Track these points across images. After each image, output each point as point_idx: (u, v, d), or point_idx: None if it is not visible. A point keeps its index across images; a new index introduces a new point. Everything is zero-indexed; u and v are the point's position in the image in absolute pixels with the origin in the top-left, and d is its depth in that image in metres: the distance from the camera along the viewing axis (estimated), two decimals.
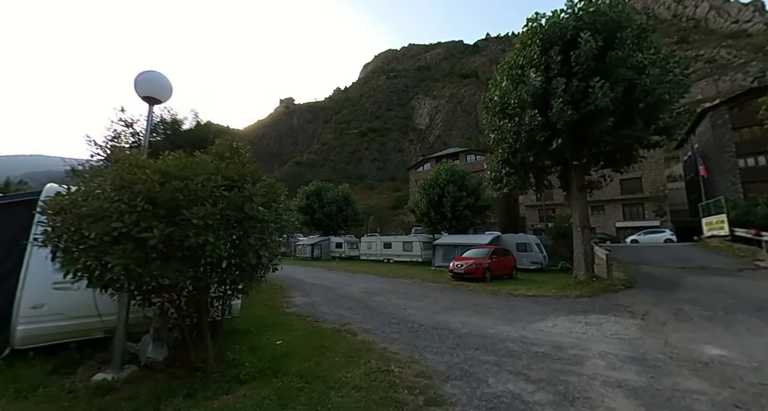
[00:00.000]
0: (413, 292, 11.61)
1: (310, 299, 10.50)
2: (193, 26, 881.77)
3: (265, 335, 6.12)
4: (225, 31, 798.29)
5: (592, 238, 13.61)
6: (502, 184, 13.09)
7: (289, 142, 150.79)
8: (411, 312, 8.25)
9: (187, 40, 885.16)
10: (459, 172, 26.72)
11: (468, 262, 14.71)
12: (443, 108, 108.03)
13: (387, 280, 15.52)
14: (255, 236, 3.74)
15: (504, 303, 9.38)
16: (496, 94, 11.55)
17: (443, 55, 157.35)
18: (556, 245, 24.23)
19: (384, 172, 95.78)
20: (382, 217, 60.42)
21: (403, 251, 26.16)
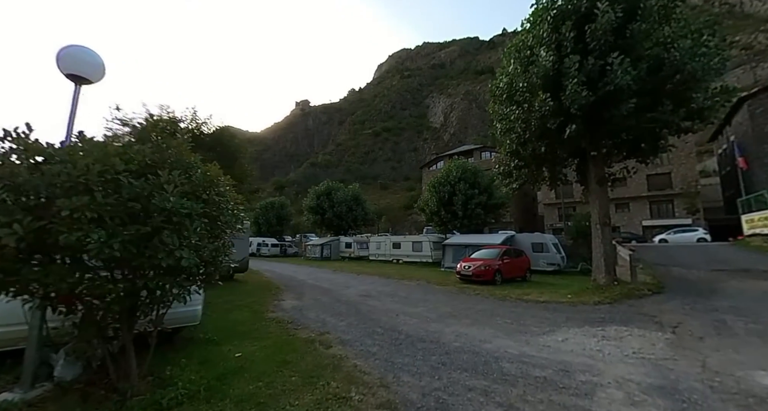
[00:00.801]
0: (413, 296, 10.75)
1: (300, 302, 9.84)
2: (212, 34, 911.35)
3: (229, 345, 5.45)
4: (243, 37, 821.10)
5: (614, 237, 12.31)
6: (511, 178, 12.02)
7: (304, 144, 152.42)
8: (403, 319, 7.40)
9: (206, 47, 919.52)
10: (470, 169, 25.57)
11: (476, 264, 13.68)
12: (458, 106, 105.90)
13: (390, 281, 14.69)
14: (168, 233, 3.04)
15: (510, 310, 8.37)
16: (503, 79, 10.54)
17: (458, 53, 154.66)
18: (576, 245, 22.70)
19: (398, 172, 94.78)
20: (396, 217, 59.58)
21: (413, 251, 25.23)
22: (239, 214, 4.58)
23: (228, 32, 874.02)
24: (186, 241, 3.26)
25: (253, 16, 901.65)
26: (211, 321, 7.28)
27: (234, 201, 4.43)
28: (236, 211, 4.46)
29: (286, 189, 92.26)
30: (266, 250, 41.08)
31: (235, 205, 4.44)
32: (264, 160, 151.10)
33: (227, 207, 4.14)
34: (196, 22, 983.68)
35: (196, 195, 3.54)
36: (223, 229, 4.14)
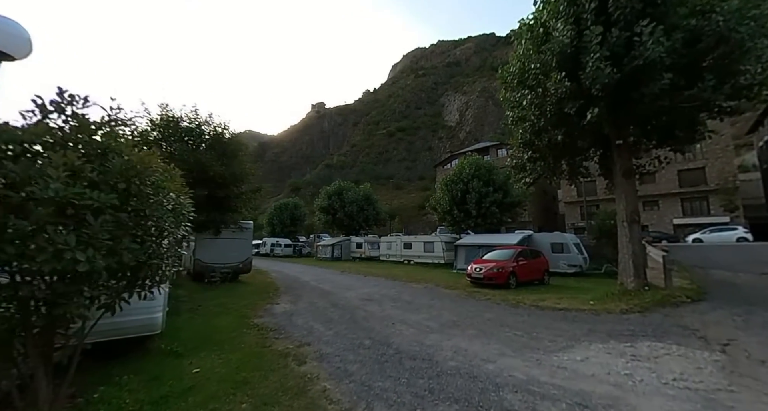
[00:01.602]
0: (417, 301, 9.89)
1: (294, 307, 9.19)
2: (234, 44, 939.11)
3: (192, 358, 4.82)
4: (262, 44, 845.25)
5: (643, 236, 11.02)
6: (525, 172, 10.96)
7: (320, 146, 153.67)
8: (398, 329, 6.58)
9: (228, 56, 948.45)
10: (485, 165, 24.37)
11: (488, 266, 12.66)
12: (474, 103, 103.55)
13: (396, 284, 13.87)
14: (56, 229, 2.37)
15: (523, 319, 7.39)
16: (515, 64, 9.54)
17: (474, 50, 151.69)
18: (600, 245, 21.13)
19: (412, 172, 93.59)
20: (409, 217, 58.58)
21: (424, 252, 24.28)
22: (183, 208, 3.92)
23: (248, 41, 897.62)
24: (93, 240, 2.60)
25: (273, 24, 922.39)
26: (191, 327, 6.73)
27: (177, 192, 3.76)
28: (177, 205, 3.78)
29: (302, 190, 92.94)
30: (279, 251, 41.14)
31: (177, 198, 3.78)
32: (281, 163, 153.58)
33: (162, 200, 3.48)
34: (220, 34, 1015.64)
35: (110, 184, 2.88)
36: (161, 227, 3.47)
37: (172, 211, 3.65)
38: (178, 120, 13.49)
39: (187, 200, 4.23)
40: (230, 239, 15.15)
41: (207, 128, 13.94)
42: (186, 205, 4.14)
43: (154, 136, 12.86)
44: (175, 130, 13.32)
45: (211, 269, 14.19)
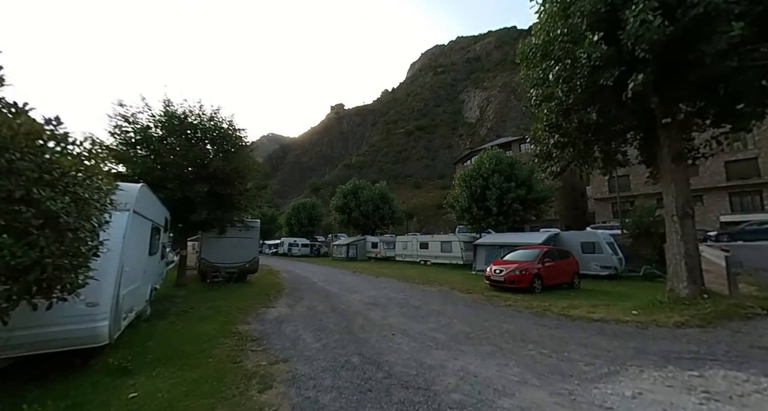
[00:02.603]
0: (427, 307, 8.80)
1: (289, 311, 8.35)
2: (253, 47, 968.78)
3: (141, 377, 4.02)
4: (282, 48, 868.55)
5: None
6: (551, 161, 9.60)
7: (339, 146, 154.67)
8: (397, 343, 5.55)
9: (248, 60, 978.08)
10: (506, 159, 22.78)
11: (509, 267, 11.35)
12: (495, 98, 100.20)
13: (408, 286, 12.80)
14: None
15: (550, 332, 6.15)
16: (538, 35, 8.27)
17: (494, 44, 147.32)
18: (637, 244, 19.12)
19: (431, 170, 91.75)
20: (428, 217, 57.13)
21: (441, 252, 23.01)
22: (99, 194, 3.08)
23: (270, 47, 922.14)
24: None
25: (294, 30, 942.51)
26: (165, 335, 6.00)
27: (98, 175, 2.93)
28: (87, 189, 2.95)
29: (321, 191, 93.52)
30: (297, 250, 41.10)
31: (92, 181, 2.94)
32: (302, 164, 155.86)
33: (57, 180, 2.64)
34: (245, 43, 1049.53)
35: None
36: (52, 215, 2.64)
37: (74, 195, 2.82)
38: (183, 117, 13.02)
39: (110, 185, 3.40)
40: (236, 238, 14.64)
41: (210, 123, 13.43)
42: (108, 190, 3.31)
43: (157, 133, 12.46)
44: (180, 125, 12.86)
45: (215, 269, 13.71)
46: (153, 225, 7.03)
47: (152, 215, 6.84)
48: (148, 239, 6.72)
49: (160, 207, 8.40)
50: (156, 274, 8.22)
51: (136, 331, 6.10)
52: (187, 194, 11.76)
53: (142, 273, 6.22)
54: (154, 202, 7.17)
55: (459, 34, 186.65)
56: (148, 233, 6.66)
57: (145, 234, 6.44)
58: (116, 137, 11.90)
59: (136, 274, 5.58)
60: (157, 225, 7.67)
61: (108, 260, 4.16)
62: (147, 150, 12.04)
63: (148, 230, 6.69)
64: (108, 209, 3.57)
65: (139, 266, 5.90)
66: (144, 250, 6.42)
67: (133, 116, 12.28)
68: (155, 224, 7.30)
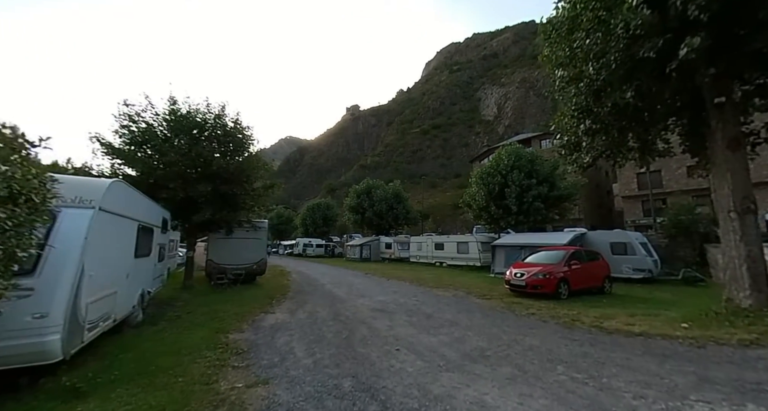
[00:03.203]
0: (439, 315, 7.95)
1: (288, 318, 7.71)
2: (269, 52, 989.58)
3: (93, 401, 3.42)
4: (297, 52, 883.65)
5: None
6: (579, 152, 8.54)
7: (355, 147, 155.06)
8: (401, 361, 4.76)
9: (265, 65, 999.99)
10: (526, 155, 21.51)
11: (532, 271, 10.32)
12: (513, 95, 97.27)
13: (420, 291, 11.97)
14: None
15: (583, 349, 5.19)
16: (564, 7, 7.29)
17: (512, 40, 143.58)
18: (674, 245, 17.60)
19: (447, 170, 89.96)
20: (445, 217, 55.82)
21: (458, 253, 21.98)
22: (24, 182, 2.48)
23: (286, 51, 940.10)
24: None
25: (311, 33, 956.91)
26: (144, 345, 5.47)
27: None
28: None
29: (337, 191, 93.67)
30: (311, 251, 41.01)
31: None
32: (318, 166, 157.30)
33: None
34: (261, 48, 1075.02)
35: None
36: None
37: None
38: (188, 115, 12.68)
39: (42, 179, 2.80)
40: (243, 239, 14.24)
41: (215, 121, 13.05)
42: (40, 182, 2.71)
43: (161, 131, 12.19)
44: (185, 123, 12.53)
45: (221, 270, 13.34)
46: (141, 225, 6.55)
47: (138, 214, 6.36)
48: (134, 240, 6.23)
49: (153, 206, 7.96)
50: (149, 277, 7.77)
51: (117, 341, 5.60)
52: (191, 194, 11.41)
53: (123, 277, 5.72)
54: (140, 200, 6.69)
55: (475, 31, 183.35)
56: (132, 234, 6.17)
57: (128, 234, 5.94)
58: (123, 137, 11.70)
59: (111, 279, 5.06)
60: (148, 225, 7.21)
61: (60, 265, 3.61)
62: (151, 149, 11.79)
63: (133, 230, 6.20)
64: (46, 206, 2.97)
65: (117, 270, 5.39)
66: (127, 251, 5.93)
67: (137, 115, 12.07)
68: (144, 224, 6.83)
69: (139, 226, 6.45)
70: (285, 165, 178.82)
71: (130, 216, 5.81)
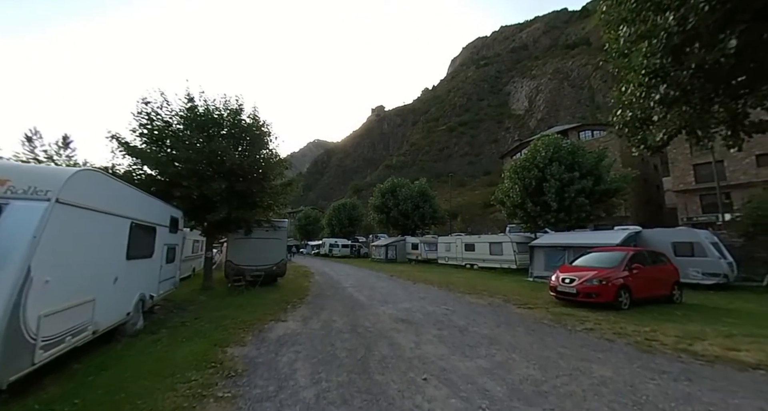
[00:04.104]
0: (474, 329, 6.69)
1: (302, 327, 6.78)
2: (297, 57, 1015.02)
3: None
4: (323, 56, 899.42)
5: None
6: (646, 129, 6.93)
7: (380, 148, 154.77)
8: (430, 399, 3.61)
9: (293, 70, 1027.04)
10: (565, 146, 19.47)
11: (584, 275, 8.75)
12: (545, 87, 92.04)
13: (451, 297, 10.69)
14: None
15: (682, 389, 3.76)
16: None
17: (542, 30, 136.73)
18: (751, 246, 15.00)
19: (476, 167, 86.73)
20: (474, 216, 53.53)
21: (490, 255, 20.31)
22: None
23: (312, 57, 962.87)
24: None
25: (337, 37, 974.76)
26: (135, 360, 4.73)
27: None
28: None
29: (363, 192, 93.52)
30: (337, 251, 40.72)
31: None
32: (345, 167, 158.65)
33: None
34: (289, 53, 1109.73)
35: None
36: None
37: None
38: (206, 112, 12.24)
39: None
40: (262, 239, 13.66)
41: (232, 117, 12.52)
42: None
43: (177, 128, 11.81)
44: (202, 121, 12.09)
45: (238, 272, 12.80)
46: (135, 223, 5.88)
47: (129, 211, 5.68)
48: (125, 240, 5.55)
49: (155, 203, 7.35)
50: (151, 280, 7.16)
51: (98, 355, 4.91)
52: (205, 192, 10.91)
53: (108, 281, 5.03)
54: (132, 195, 6.02)
55: (502, 24, 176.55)
56: (123, 233, 5.49)
57: (115, 233, 5.25)
58: (143, 136, 11.41)
59: (85, 285, 4.34)
60: (147, 223, 6.57)
61: None
62: (166, 146, 11.44)
63: (124, 229, 5.52)
64: None
65: (97, 274, 4.68)
66: (114, 252, 5.24)
67: (155, 113, 11.76)
68: (141, 222, 6.17)
69: (133, 224, 5.77)
70: (313, 167, 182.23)
71: (115, 212, 5.10)
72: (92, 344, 5.17)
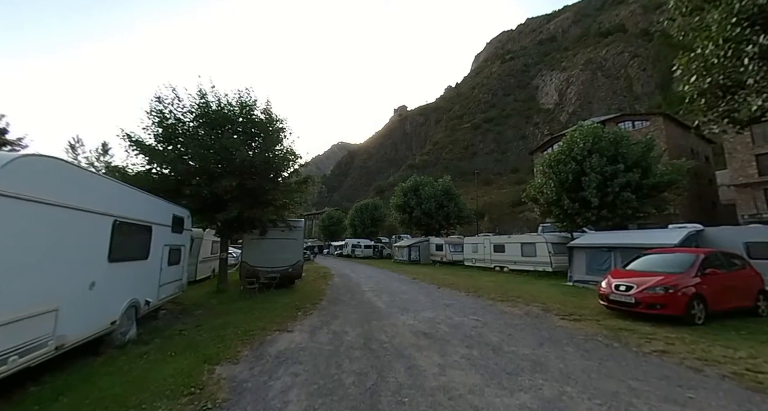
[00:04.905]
0: (512, 348, 5.51)
1: (307, 340, 5.90)
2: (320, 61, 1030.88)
3: None
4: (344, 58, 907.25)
5: None
6: (737, 97, 5.48)
7: (403, 148, 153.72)
8: None
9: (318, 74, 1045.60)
10: (606, 136, 17.53)
11: (645, 282, 7.27)
12: (577, 79, 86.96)
13: (480, 304, 9.48)
14: None
15: None
16: None
17: (572, 19, 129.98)
18: None
19: (503, 165, 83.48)
20: (502, 215, 51.11)
21: (522, 257, 18.70)
22: None
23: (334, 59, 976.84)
24: None
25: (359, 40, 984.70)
26: (106, 381, 4.02)
27: None
28: None
29: (386, 192, 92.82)
30: (360, 252, 40.25)
31: None
32: (368, 168, 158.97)
33: None
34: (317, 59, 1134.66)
35: None
36: None
37: None
38: (219, 109, 11.77)
39: None
40: (278, 239, 13.05)
41: (244, 112, 11.97)
42: None
43: (188, 125, 11.41)
44: (215, 117, 11.64)
45: (252, 274, 12.23)
46: (120, 221, 5.25)
47: (111, 207, 5.04)
48: (106, 239, 4.92)
49: (150, 200, 6.76)
50: (148, 284, 6.56)
51: (65, 373, 4.27)
52: (215, 190, 10.39)
53: (81, 287, 4.38)
54: (113, 189, 5.38)
55: (528, 16, 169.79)
56: (102, 231, 4.85)
57: (90, 232, 4.60)
58: (158, 137, 11.09)
59: (41, 292, 3.67)
60: (138, 222, 5.96)
61: None
62: (178, 143, 11.06)
63: (103, 227, 4.88)
64: None
65: (61, 279, 4.01)
66: (90, 254, 4.60)
67: (167, 110, 11.43)
68: (128, 220, 5.54)
69: (117, 222, 5.13)
70: (336, 169, 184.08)
71: (88, 208, 4.44)
72: (70, 357, 4.56)
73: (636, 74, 75.55)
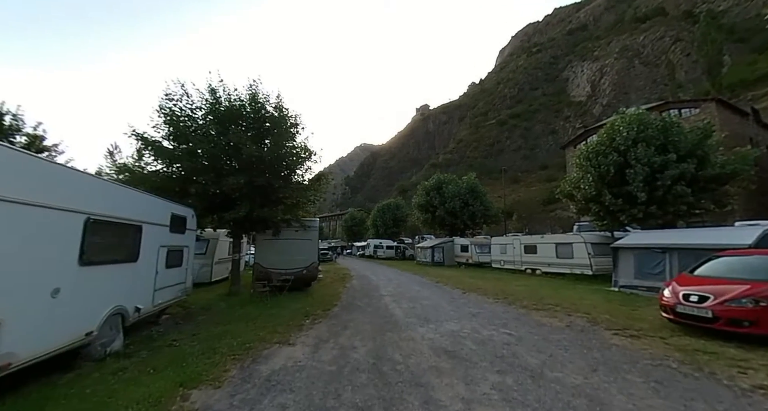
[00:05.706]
0: (556, 373, 4.37)
1: (309, 357, 5.05)
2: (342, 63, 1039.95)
3: None
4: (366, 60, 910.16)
5: None
6: None
7: (425, 147, 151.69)
8: None
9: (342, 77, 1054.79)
10: (654, 123, 15.54)
11: (726, 292, 5.82)
12: (611, 68, 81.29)
13: (511, 313, 8.27)
14: None
15: None
16: None
17: (604, 6, 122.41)
18: None
19: (531, 162, 79.56)
20: (532, 214, 48.45)
21: (557, 258, 17.04)
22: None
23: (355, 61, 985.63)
24: None
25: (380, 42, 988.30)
26: (64, 405, 3.35)
27: None
28: None
29: (408, 192, 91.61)
30: (382, 252, 39.61)
31: None
32: (390, 168, 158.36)
33: None
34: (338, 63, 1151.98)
35: None
36: None
37: None
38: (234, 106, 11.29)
39: None
40: (291, 239, 12.44)
41: (255, 108, 11.43)
42: None
43: (197, 122, 11.01)
44: (226, 114, 11.18)
45: (264, 276, 11.66)
46: (95, 219, 4.64)
47: (79, 203, 4.43)
48: (77, 240, 4.32)
49: (140, 197, 6.20)
50: (139, 289, 5.99)
51: (22, 395, 3.64)
52: (223, 188, 9.88)
53: (42, 295, 3.79)
54: (87, 183, 4.80)
55: (556, 6, 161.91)
56: (70, 231, 4.25)
57: (52, 232, 3.99)
58: (169, 136, 10.77)
59: None
60: (121, 220, 5.37)
61: None
62: (186, 140, 10.67)
63: (72, 226, 4.28)
64: None
65: (8, 285, 3.38)
66: (53, 256, 3.99)
67: (177, 107, 11.08)
68: (106, 218, 4.94)
69: (90, 220, 4.53)
70: (359, 170, 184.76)
71: (46, 203, 3.82)
72: (38, 372, 3.98)
73: (679, 60, 69.57)
